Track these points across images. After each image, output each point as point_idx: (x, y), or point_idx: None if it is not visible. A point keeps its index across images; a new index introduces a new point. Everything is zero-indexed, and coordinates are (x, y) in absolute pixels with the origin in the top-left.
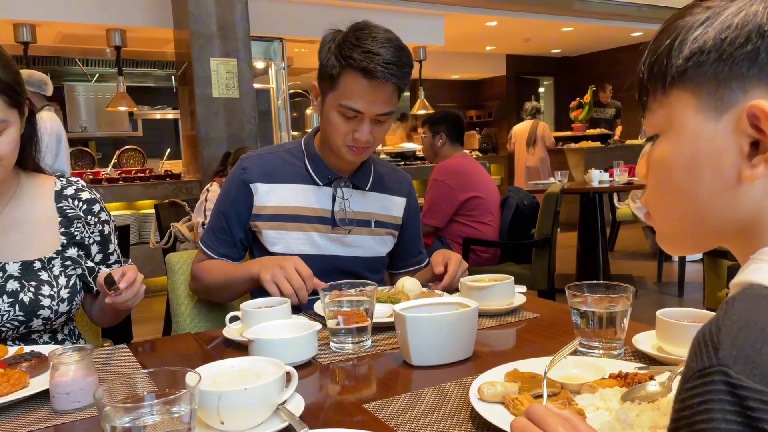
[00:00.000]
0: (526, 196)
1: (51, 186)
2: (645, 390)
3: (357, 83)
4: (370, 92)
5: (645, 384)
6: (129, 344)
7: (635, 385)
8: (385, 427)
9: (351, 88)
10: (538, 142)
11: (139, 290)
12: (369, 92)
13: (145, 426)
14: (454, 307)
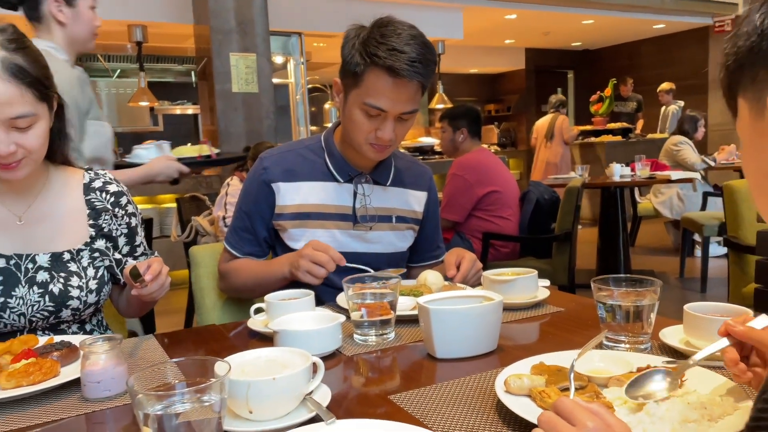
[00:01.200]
0: (547, 191)
1: (79, 179)
2: (651, 384)
3: (381, 81)
4: (394, 90)
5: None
6: (154, 335)
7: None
8: (412, 419)
9: (375, 86)
10: (556, 137)
11: (164, 282)
12: (393, 90)
13: (177, 414)
14: (478, 300)
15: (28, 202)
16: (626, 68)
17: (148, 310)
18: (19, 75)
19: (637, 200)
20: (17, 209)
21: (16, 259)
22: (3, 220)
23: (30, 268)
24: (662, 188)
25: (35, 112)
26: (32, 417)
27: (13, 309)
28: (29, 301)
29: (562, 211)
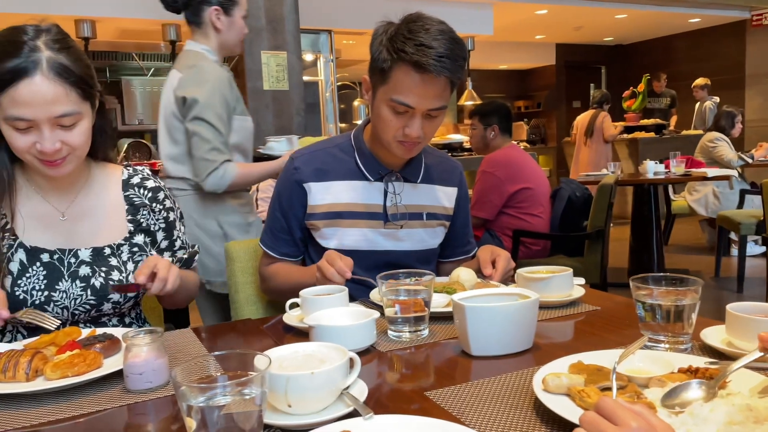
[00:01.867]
0: (579, 188)
1: (119, 175)
2: (687, 393)
3: (409, 77)
4: (422, 87)
5: (688, 384)
6: (191, 328)
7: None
8: (449, 416)
9: (402, 83)
10: (596, 134)
11: (167, 277)
12: (421, 87)
13: (219, 406)
14: (513, 297)
15: (71, 198)
16: (660, 63)
17: (186, 303)
18: (64, 74)
19: (671, 198)
20: (60, 205)
21: (59, 253)
22: (47, 215)
23: (72, 263)
24: (697, 186)
25: (79, 111)
26: (77, 407)
27: (57, 302)
28: (72, 294)
29: (594, 209)
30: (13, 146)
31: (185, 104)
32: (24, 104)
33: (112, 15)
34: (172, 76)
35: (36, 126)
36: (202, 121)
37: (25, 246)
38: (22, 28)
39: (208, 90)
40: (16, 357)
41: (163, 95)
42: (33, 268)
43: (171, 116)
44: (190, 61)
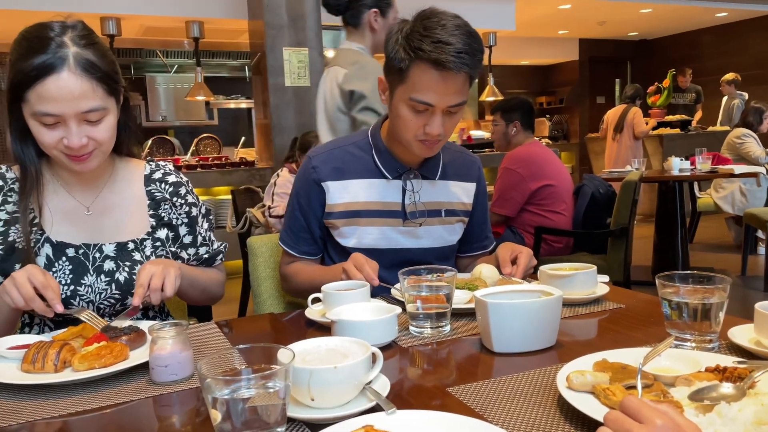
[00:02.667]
0: (602, 185)
1: (141, 170)
2: (717, 391)
3: (427, 75)
4: (441, 84)
5: (718, 385)
6: (215, 322)
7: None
8: (471, 412)
9: (421, 81)
10: (626, 129)
11: (159, 286)
12: (440, 84)
13: (243, 399)
14: (536, 294)
15: (95, 194)
16: (686, 58)
17: (209, 298)
18: (90, 70)
19: (697, 195)
20: (85, 200)
21: (84, 248)
22: (72, 210)
23: (97, 258)
24: (723, 183)
25: (105, 106)
26: (104, 398)
27: (83, 296)
28: (97, 288)
29: (618, 206)
30: (41, 142)
31: (353, 97)
32: (51, 100)
33: (136, 12)
34: (334, 72)
35: (63, 121)
36: (369, 110)
37: (51, 241)
38: (48, 25)
39: (373, 83)
40: (45, 348)
41: (323, 90)
42: (59, 263)
43: (334, 108)
44: (350, 58)
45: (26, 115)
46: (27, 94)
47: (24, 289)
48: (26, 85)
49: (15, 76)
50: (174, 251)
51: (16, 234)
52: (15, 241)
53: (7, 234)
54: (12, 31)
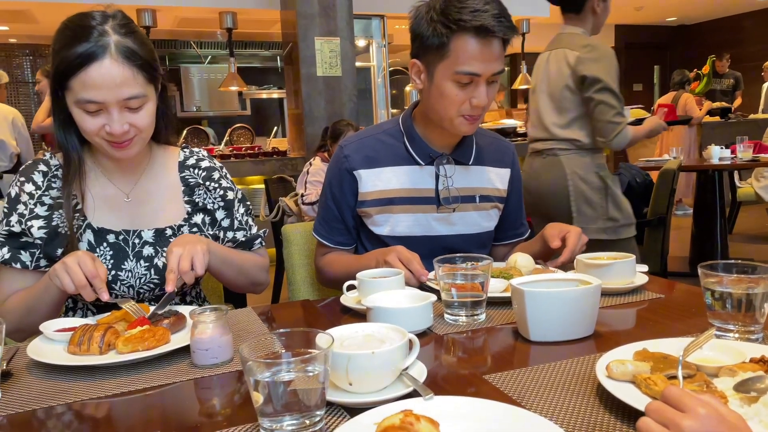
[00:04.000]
0: (639, 174)
1: (176, 157)
2: (763, 383)
3: (470, 45)
4: (484, 52)
5: (764, 376)
6: (252, 308)
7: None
8: (509, 400)
9: (465, 52)
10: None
11: (188, 268)
12: (483, 52)
13: (284, 381)
14: (573, 283)
15: (134, 181)
16: (726, 44)
17: (249, 283)
18: (131, 57)
19: (737, 185)
20: (125, 187)
21: (124, 234)
22: (113, 197)
23: (137, 243)
24: (765, 172)
25: (145, 93)
26: (147, 380)
27: (123, 281)
28: (137, 273)
29: (655, 195)
30: (84, 129)
31: (587, 79)
32: (94, 87)
33: (171, 4)
34: (562, 54)
35: (105, 109)
36: (606, 90)
37: (92, 227)
38: (89, 14)
39: (607, 64)
40: (90, 331)
41: (547, 71)
42: (100, 248)
43: (561, 87)
44: (579, 41)
45: (69, 102)
46: (70, 82)
47: (76, 276)
48: (70, 73)
49: (59, 65)
50: (213, 234)
51: (59, 219)
52: (58, 226)
53: (51, 219)
54: (55, 24)
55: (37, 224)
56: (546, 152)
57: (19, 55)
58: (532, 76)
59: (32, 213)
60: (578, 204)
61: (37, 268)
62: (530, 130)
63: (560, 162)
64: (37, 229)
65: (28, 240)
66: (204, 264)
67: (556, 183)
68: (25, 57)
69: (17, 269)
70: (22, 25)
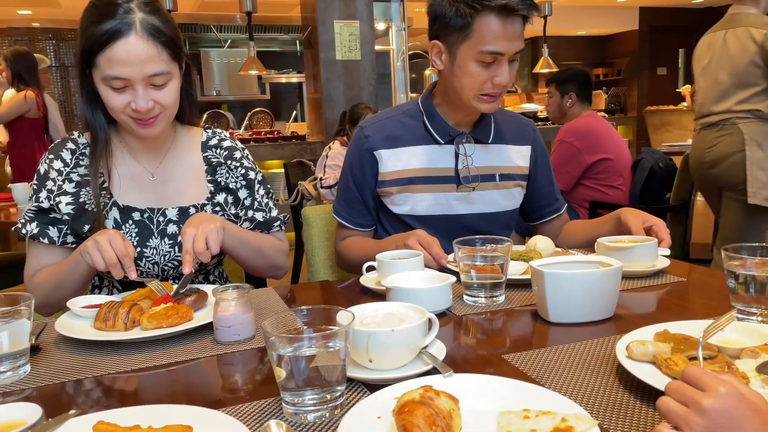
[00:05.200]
0: (662, 158)
1: (199, 137)
2: None
3: (493, 24)
4: (506, 30)
5: None
6: (273, 288)
7: None
8: (528, 379)
9: (489, 31)
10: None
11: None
12: (505, 31)
13: (306, 356)
14: (594, 265)
15: (159, 160)
16: None
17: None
18: (155, 34)
19: None
20: (150, 166)
21: (149, 212)
22: (138, 176)
23: (161, 221)
24: None
25: (170, 71)
26: (171, 355)
27: (148, 258)
28: (161, 251)
29: (679, 180)
30: (110, 106)
31: None
32: (120, 63)
33: None
34: (745, 32)
35: (131, 85)
36: None
37: (118, 204)
38: None
39: None
40: (116, 308)
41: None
42: (126, 226)
43: (746, 63)
44: (761, 20)
45: (96, 80)
46: (97, 59)
47: (107, 254)
48: (97, 50)
49: (86, 42)
50: (235, 213)
51: (86, 196)
52: (85, 203)
53: (78, 195)
54: (78, 8)
55: (65, 200)
56: (722, 122)
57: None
58: (697, 55)
59: (60, 189)
60: (752, 170)
61: (63, 243)
62: (701, 106)
63: (738, 129)
64: (65, 205)
65: (56, 216)
66: (218, 242)
67: (733, 148)
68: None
69: (45, 244)
70: (45, 9)
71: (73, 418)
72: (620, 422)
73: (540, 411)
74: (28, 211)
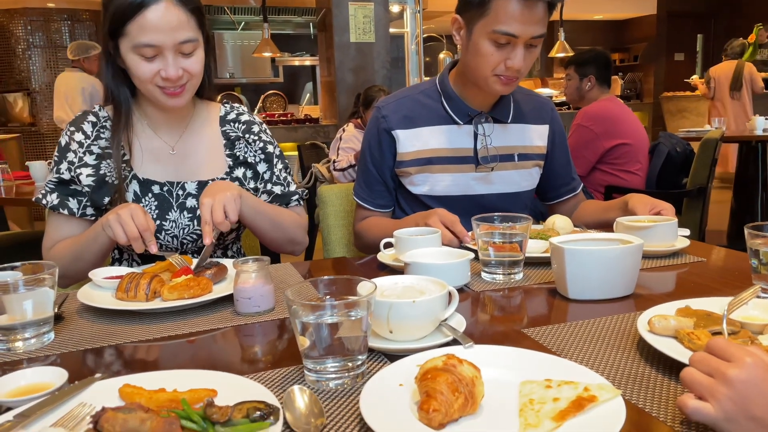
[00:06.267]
0: (680, 143)
1: (217, 112)
2: None
3: (511, 5)
4: (524, 13)
5: None
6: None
7: None
8: (549, 352)
9: (505, 11)
10: (745, 87)
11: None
12: (523, 13)
13: (329, 326)
14: (614, 243)
15: (179, 134)
16: None
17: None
18: (184, 1)
19: None
20: (170, 140)
21: (168, 186)
22: (159, 150)
23: (180, 195)
24: None
25: (197, 38)
26: (192, 326)
27: (168, 231)
28: (180, 224)
29: (696, 165)
30: (139, 76)
31: None
32: (152, 30)
33: None
34: None
35: (161, 53)
36: None
37: (138, 178)
38: None
39: None
40: (137, 279)
41: None
42: (145, 199)
43: None
44: None
45: (124, 51)
46: (127, 28)
47: (129, 227)
48: (127, 18)
49: (116, 11)
50: (254, 187)
51: (107, 168)
52: (105, 175)
53: (99, 167)
54: None
55: (86, 172)
56: None
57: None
58: None
59: (81, 161)
60: None
61: (83, 215)
62: None
63: None
64: (85, 177)
65: (76, 188)
66: (236, 210)
67: None
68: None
69: (64, 216)
70: None
71: (98, 381)
72: (641, 394)
73: (562, 381)
74: (48, 182)
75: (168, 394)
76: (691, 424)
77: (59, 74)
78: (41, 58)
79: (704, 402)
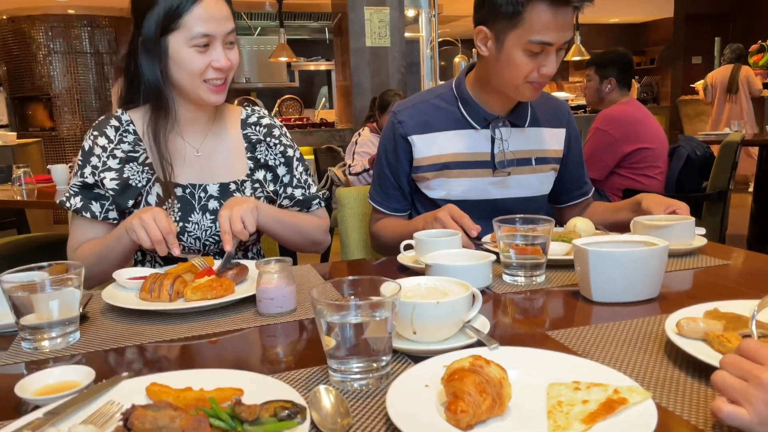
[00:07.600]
0: (699, 146)
1: (238, 115)
2: None
3: (544, 14)
4: (557, 21)
5: None
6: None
7: None
8: (574, 353)
9: (540, 21)
10: (742, 90)
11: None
12: (556, 21)
13: (355, 326)
14: (638, 244)
15: (203, 136)
16: None
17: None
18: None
19: None
20: (194, 142)
21: (190, 188)
22: (182, 152)
23: (202, 197)
24: None
25: (236, 29)
26: (215, 326)
27: (190, 233)
28: (203, 226)
29: (716, 169)
30: (192, 70)
31: None
32: (209, 19)
33: None
34: None
35: (212, 43)
36: None
37: (160, 180)
38: None
39: None
40: (160, 280)
41: None
42: (168, 201)
43: None
44: None
45: (177, 46)
46: (184, 20)
47: (153, 231)
48: (184, 11)
49: (170, 7)
50: (274, 190)
51: (130, 172)
52: (129, 179)
53: (122, 171)
54: None
55: (110, 176)
56: None
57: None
58: None
59: (105, 165)
60: None
61: (105, 219)
62: None
63: None
64: (109, 181)
65: (99, 192)
66: (253, 221)
67: None
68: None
69: (87, 219)
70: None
71: (125, 380)
72: (671, 397)
73: (591, 383)
74: (72, 185)
75: (195, 392)
76: (723, 427)
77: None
78: (61, 63)
79: (739, 407)
